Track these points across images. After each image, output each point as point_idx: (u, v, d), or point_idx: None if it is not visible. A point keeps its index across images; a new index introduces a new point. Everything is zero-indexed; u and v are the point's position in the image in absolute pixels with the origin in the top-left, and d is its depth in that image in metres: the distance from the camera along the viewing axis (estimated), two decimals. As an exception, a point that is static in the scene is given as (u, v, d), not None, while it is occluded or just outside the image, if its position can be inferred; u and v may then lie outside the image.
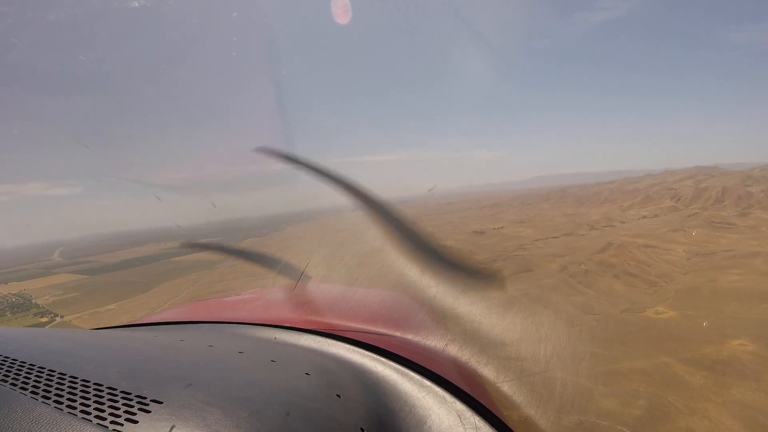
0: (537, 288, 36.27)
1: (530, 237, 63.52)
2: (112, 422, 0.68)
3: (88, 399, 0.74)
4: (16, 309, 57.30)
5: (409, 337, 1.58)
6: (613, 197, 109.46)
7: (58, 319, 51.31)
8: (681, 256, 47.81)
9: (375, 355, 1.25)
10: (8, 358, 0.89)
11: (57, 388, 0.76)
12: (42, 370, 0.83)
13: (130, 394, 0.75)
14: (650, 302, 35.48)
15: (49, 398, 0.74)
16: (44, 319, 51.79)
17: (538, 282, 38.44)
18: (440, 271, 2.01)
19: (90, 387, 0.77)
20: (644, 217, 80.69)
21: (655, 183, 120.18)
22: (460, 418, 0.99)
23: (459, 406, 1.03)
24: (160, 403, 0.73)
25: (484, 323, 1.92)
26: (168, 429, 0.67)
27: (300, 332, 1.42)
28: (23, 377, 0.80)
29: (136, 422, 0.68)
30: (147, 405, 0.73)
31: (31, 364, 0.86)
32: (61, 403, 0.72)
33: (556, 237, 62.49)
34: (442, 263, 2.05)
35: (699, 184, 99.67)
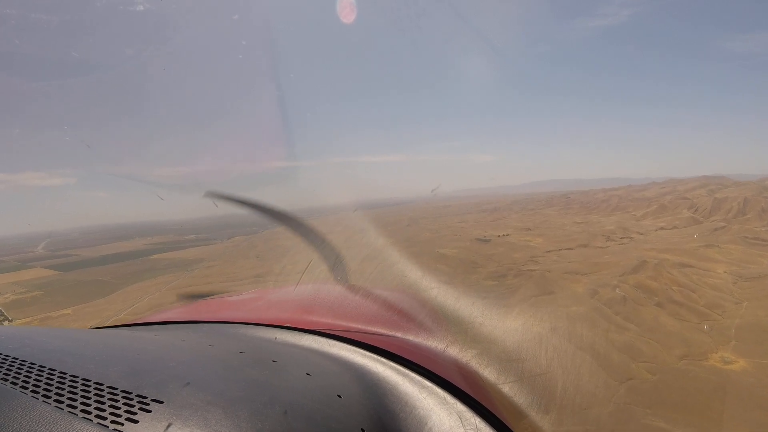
0: (565, 320, 28.32)
1: (541, 247, 55.96)
2: (112, 422, 0.68)
3: (89, 398, 0.73)
4: (-30, 306, 52.80)
5: (410, 337, 1.54)
6: (623, 205, 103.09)
7: (5, 323, 45.54)
8: (725, 278, 40.32)
9: (376, 356, 1.23)
10: (8, 356, 0.88)
11: (57, 388, 0.76)
12: (42, 369, 0.83)
13: (130, 393, 0.75)
14: (710, 344, 27.84)
15: (49, 397, 0.73)
16: (-8, 322, 46.06)
17: (566, 311, 30.38)
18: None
19: (90, 386, 0.77)
20: (662, 228, 73.86)
21: (665, 192, 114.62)
22: (461, 419, 0.99)
23: (460, 407, 1.03)
24: (161, 402, 0.73)
25: (486, 324, 1.90)
26: (168, 427, 0.67)
27: (301, 332, 1.41)
28: (23, 376, 0.80)
29: (136, 422, 0.68)
30: (147, 404, 0.72)
31: (31, 363, 0.85)
32: (61, 402, 0.72)
33: (571, 248, 55.08)
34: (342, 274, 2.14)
35: (714, 194, 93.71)
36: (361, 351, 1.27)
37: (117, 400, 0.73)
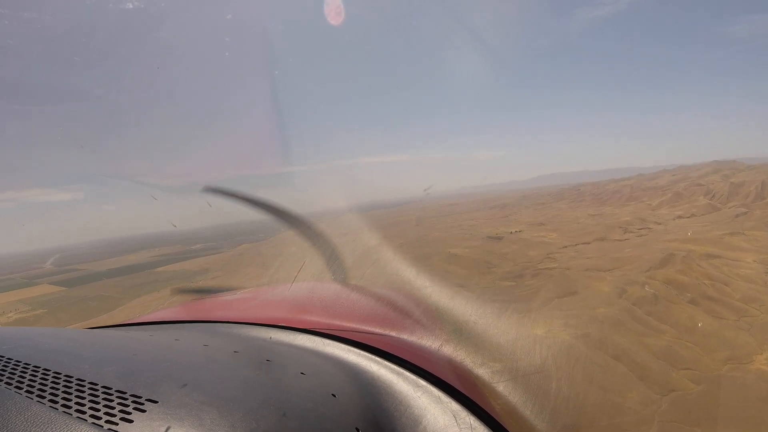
0: (594, 323, 26.11)
1: (557, 243, 53.73)
2: (107, 422, 0.68)
3: (83, 398, 0.73)
4: (-28, 328, 52.69)
5: (405, 336, 1.54)
6: (636, 195, 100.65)
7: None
8: (755, 268, 37.85)
9: (370, 355, 1.23)
10: (3, 357, 0.89)
11: (52, 388, 0.76)
12: (37, 369, 0.83)
13: (125, 393, 0.75)
14: (753, 344, 25.38)
15: (44, 397, 0.73)
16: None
17: (592, 313, 27.94)
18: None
19: (85, 386, 0.77)
20: (680, 217, 71.35)
21: (677, 179, 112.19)
22: (455, 417, 0.99)
23: (454, 406, 1.03)
24: (155, 402, 0.73)
25: (480, 323, 1.88)
26: (164, 429, 0.67)
27: (295, 332, 1.41)
28: (18, 376, 0.80)
29: (131, 422, 0.68)
30: (142, 404, 0.72)
31: (26, 363, 0.85)
32: (56, 402, 0.72)
33: (588, 243, 52.86)
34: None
35: (729, 179, 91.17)
36: (356, 350, 1.25)
37: (111, 400, 0.72)
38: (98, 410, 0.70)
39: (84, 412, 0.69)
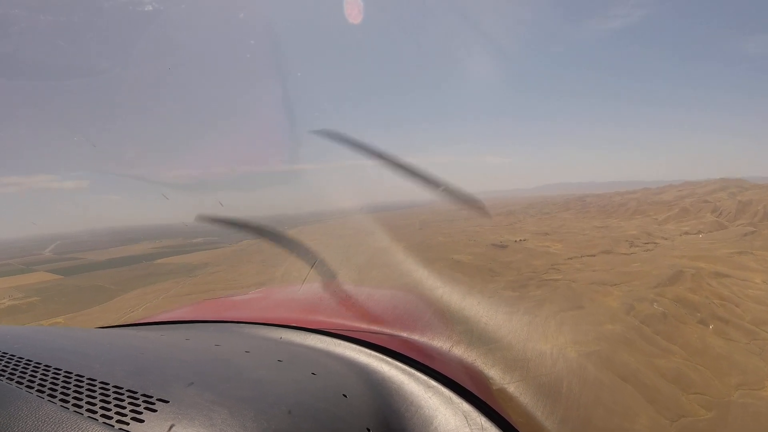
0: (601, 341, 25.21)
1: (561, 254, 52.82)
2: (118, 421, 0.68)
3: (94, 398, 0.74)
4: (-38, 314, 52.00)
5: (416, 337, 1.55)
6: (642, 209, 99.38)
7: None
8: (765, 289, 36.91)
9: (381, 356, 1.24)
10: (14, 356, 0.89)
11: (63, 387, 0.76)
12: (48, 369, 0.83)
13: (136, 393, 0.75)
14: (765, 369, 24.11)
15: (54, 397, 0.73)
16: (-23, 332, 46.18)
17: (599, 330, 26.87)
18: None
19: (96, 386, 0.77)
20: (686, 233, 70.32)
21: (683, 194, 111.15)
22: (466, 418, 1.00)
23: (465, 406, 1.04)
24: (167, 402, 0.73)
25: (491, 324, 1.88)
26: (174, 428, 0.67)
27: (306, 332, 1.42)
28: (29, 375, 0.80)
29: (142, 421, 0.68)
30: (153, 404, 0.72)
31: (36, 363, 0.86)
32: (67, 402, 0.72)
33: (593, 255, 51.91)
34: None
35: (735, 197, 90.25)
36: (367, 350, 1.26)
37: (122, 400, 0.72)
38: (109, 410, 0.69)
39: (95, 412, 0.69)
